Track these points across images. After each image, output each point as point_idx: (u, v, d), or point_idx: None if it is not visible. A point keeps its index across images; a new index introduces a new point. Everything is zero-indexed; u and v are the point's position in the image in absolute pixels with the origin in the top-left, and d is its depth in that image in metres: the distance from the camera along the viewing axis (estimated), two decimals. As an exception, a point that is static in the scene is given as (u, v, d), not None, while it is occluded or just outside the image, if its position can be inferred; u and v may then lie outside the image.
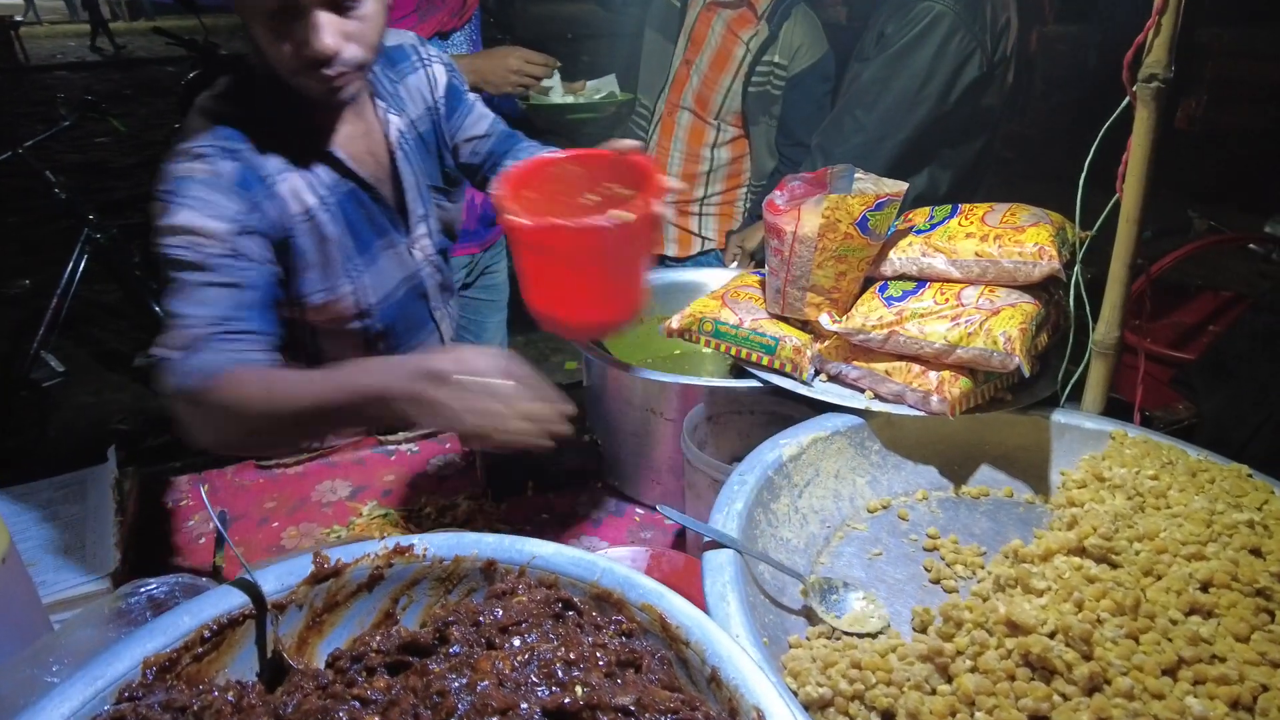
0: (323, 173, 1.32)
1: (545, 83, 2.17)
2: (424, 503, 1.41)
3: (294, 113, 1.28)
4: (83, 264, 3.76)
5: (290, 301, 1.35)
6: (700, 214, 2.46)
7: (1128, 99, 1.09)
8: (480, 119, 1.57)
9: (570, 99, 2.26)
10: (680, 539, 1.36)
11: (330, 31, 1.16)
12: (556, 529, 1.37)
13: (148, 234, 1.21)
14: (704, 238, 2.48)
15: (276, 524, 1.38)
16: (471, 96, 1.57)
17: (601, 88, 2.38)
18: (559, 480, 1.45)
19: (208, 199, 1.18)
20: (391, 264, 1.44)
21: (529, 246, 1.06)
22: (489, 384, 0.98)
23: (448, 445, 1.60)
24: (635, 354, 1.61)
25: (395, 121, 1.42)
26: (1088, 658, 0.72)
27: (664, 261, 2.55)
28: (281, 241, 1.28)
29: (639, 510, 1.43)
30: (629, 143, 1.18)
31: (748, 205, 2.46)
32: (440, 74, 1.52)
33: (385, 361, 1.08)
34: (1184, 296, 2.32)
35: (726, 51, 2.25)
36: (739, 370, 1.38)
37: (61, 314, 3.77)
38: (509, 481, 1.43)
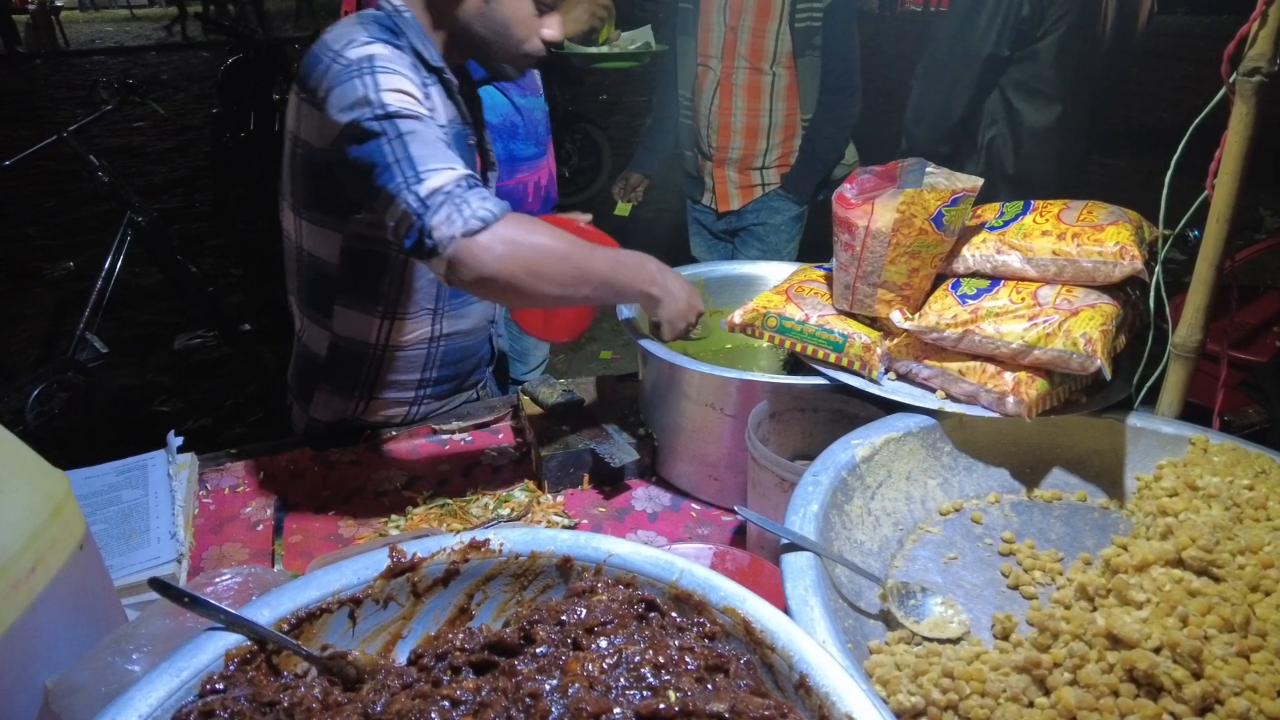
0: (447, 108, 1.42)
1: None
2: (480, 494, 1.41)
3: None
4: (125, 247, 3.80)
5: None
6: (763, 166, 2.67)
7: (1223, 91, 1.05)
8: None
9: (605, 48, 2.25)
10: (739, 536, 1.34)
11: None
12: (613, 523, 1.36)
13: (186, 219, 1.23)
14: (765, 185, 2.69)
15: (333, 512, 1.38)
16: None
17: (636, 38, 2.36)
18: (614, 474, 1.43)
19: (401, 70, 1.24)
20: None
21: None
22: (692, 298, 1.37)
23: (500, 436, 1.59)
24: (687, 348, 1.59)
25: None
26: (1198, 676, 0.69)
27: (719, 217, 2.78)
28: None
29: (694, 506, 1.42)
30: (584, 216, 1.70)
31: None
32: None
33: (661, 267, 1.35)
34: (1248, 296, 2.25)
35: (767, 3, 2.45)
36: (794, 365, 1.35)
37: (105, 297, 3.81)
38: (565, 474, 1.42)
